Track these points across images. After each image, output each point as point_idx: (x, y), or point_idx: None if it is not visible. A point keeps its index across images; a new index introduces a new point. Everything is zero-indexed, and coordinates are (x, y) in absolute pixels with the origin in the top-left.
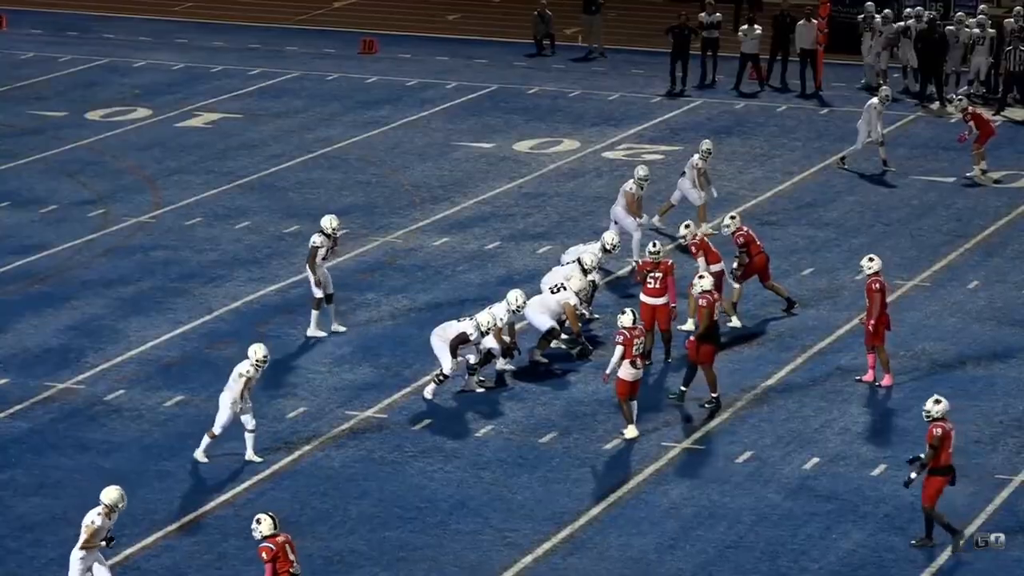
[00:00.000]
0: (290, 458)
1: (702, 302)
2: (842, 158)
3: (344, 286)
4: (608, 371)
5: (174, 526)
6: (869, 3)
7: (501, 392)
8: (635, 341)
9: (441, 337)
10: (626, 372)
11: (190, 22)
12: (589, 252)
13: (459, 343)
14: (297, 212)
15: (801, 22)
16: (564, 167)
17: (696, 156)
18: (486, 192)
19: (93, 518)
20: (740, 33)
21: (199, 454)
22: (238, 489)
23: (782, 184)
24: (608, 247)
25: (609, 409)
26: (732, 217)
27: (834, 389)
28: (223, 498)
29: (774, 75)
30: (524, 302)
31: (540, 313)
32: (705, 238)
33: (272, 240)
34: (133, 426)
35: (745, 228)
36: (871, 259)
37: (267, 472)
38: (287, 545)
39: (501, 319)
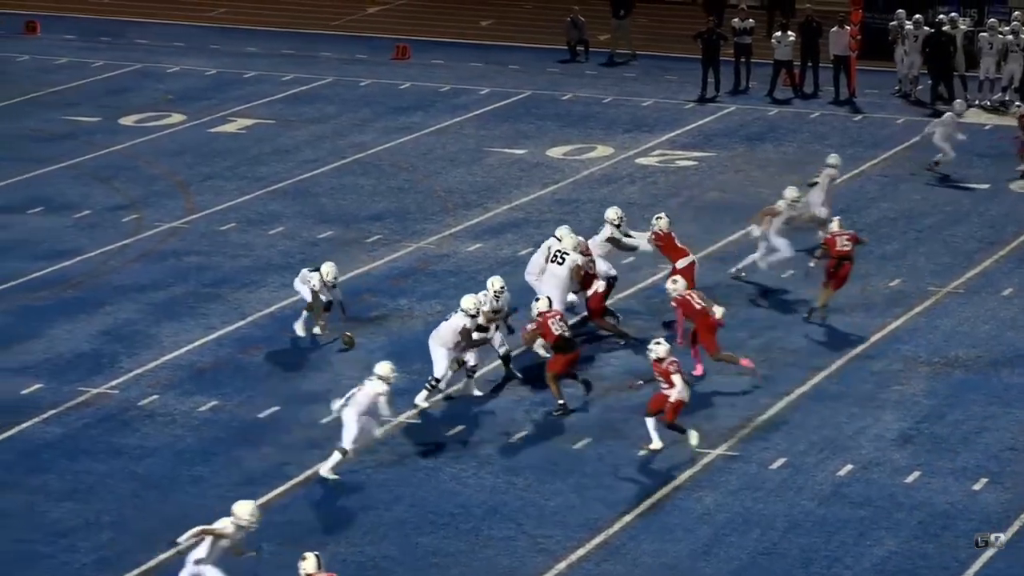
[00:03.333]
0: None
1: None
2: (936, 162)
3: (377, 292)
4: (679, 398)
5: None
6: (900, 10)
7: (535, 398)
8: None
9: (438, 341)
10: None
11: (223, 28)
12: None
13: (467, 340)
14: (330, 218)
15: (834, 28)
16: (597, 173)
17: (833, 169)
18: (519, 198)
19: (226, 523)
20: (773, 40)
21: (327, 471)
22: (272, 494)
23: None
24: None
25: (643, 415)
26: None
27: (868, 396)
28: (257, 503)
29: (806, 81)
30: (503, 287)
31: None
32: (671, 233)
33: (305, 245)
34: (166, 431)
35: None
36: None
37: (300, 477)
38: None
39: (482, 303)
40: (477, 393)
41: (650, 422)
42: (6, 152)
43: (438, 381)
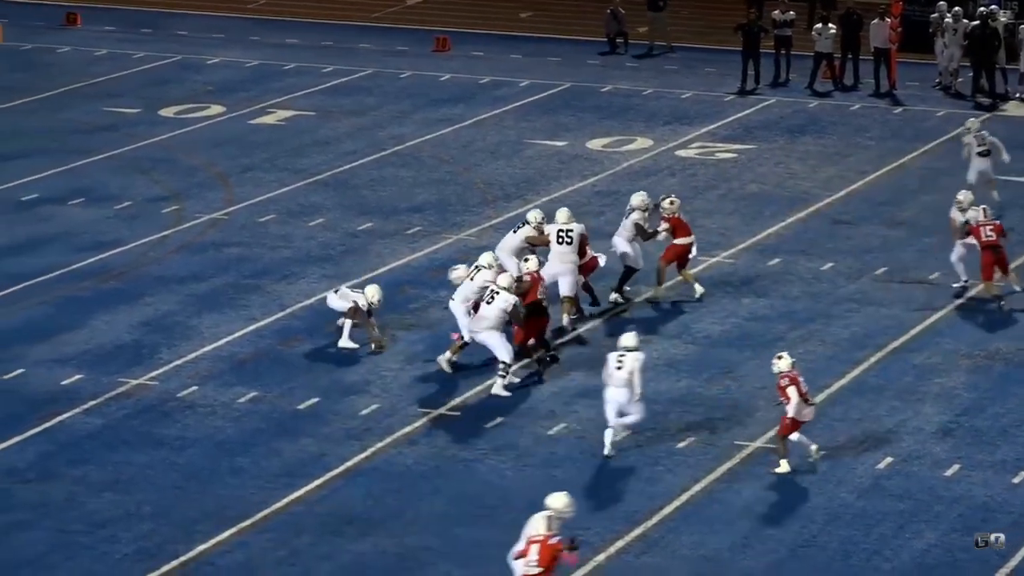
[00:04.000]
0: (363, 455)
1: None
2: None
3: (417, 283)
4: (792, 414)
5: (247, 522)
6: (941, 3)
7: (573, 390)
8: (800, 379)
9: (485, 325)
10: (806, 412)
11: (263, 19)
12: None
13: (507, 311)
14: (370, 209)
15: (875, 20)
16: (637, 165)
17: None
18: (559, 190)
19: (545, 521)
20: (813, 32)
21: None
22: (311, 486)
23: (856, 183)
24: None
25: (682, 407)
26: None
27: (908, 389)
28: (296, 494)
29: (847, 74)
30: (495, 258)
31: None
32: (679, 215)
33: (345, 237)
34: (206, 422)
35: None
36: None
37: (340, 469)
38: None
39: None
40: (447, 370)
41: (793, 437)
42: (47, 143)
43: (508, 365)
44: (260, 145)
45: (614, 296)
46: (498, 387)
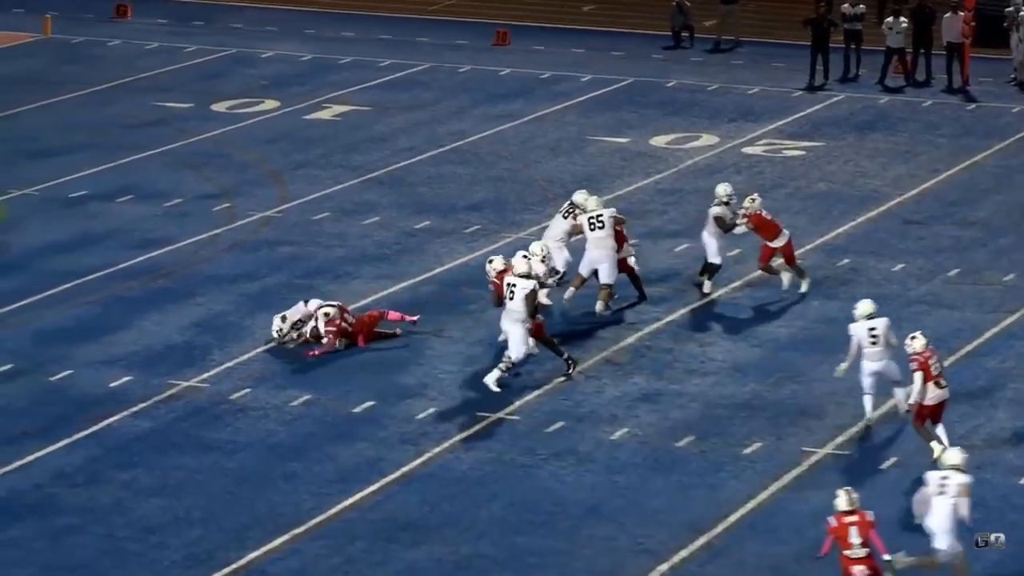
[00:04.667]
0: (419, 460)
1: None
2: None
3: (475, 284)
4: (912, 400)
5: (301, 529)
6: None
7: (635, 393)
8: (931, 362)
9: (513, 317)
10: (932, 395)
11: (319, 12)
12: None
13: (532, 307)
14: (427, 207)
15: (947, 15)
16: (702, 163)
17: None
18: (621, 188)
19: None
20: (884, 26)
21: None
22: (366, 491)
23: (927, 182)
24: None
25: (748, 412)
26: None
27: (981, 394)
28: (350, 500)
29: (918, 69)
30: (545, 247)
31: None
32: (761, 212)
33: (401, 236)
34: (258, 425)
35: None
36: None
37: (396, 474)
38: None
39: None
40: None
41: (930, 428)
42: (96, 139)
43: (513, 362)
44: (314, 141)
45: (706, 286)
46: (491, 378)
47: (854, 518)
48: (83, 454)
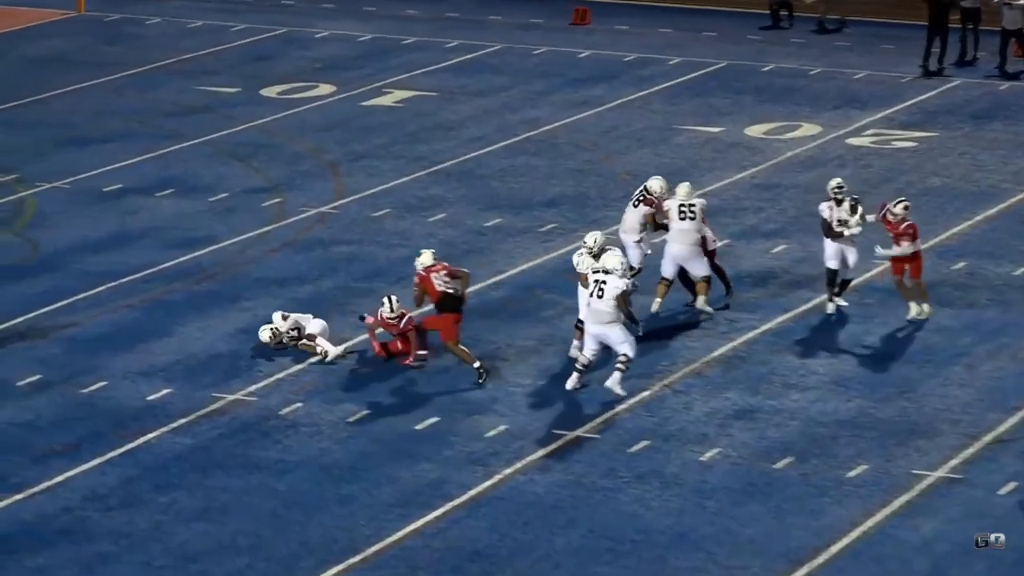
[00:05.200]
0: (489, 483)
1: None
2: None
3: (551, 287)
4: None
5: (356, 558)
6: None
7: (727, 410)
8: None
9: (602, 319)
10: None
11: None
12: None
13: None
14: (499, 203)
15: None
16: (802, 155)
17: None
18: (713, 183)
19: None
20: (1003, 6)
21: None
22: (429, 517)
23: None
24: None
25: (852, 431)
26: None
27: None
28: (412, 527)
29: None
30: (600, 239)
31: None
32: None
33: (470, 234)
34: (311, 443)
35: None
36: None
37: (462, 498)
38: None
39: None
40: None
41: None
42: (133, 127)
43: (630, 359)
44: (374, 130)
45: (835, 303)
46: (614, 381)
47: None
48: (118, 474)
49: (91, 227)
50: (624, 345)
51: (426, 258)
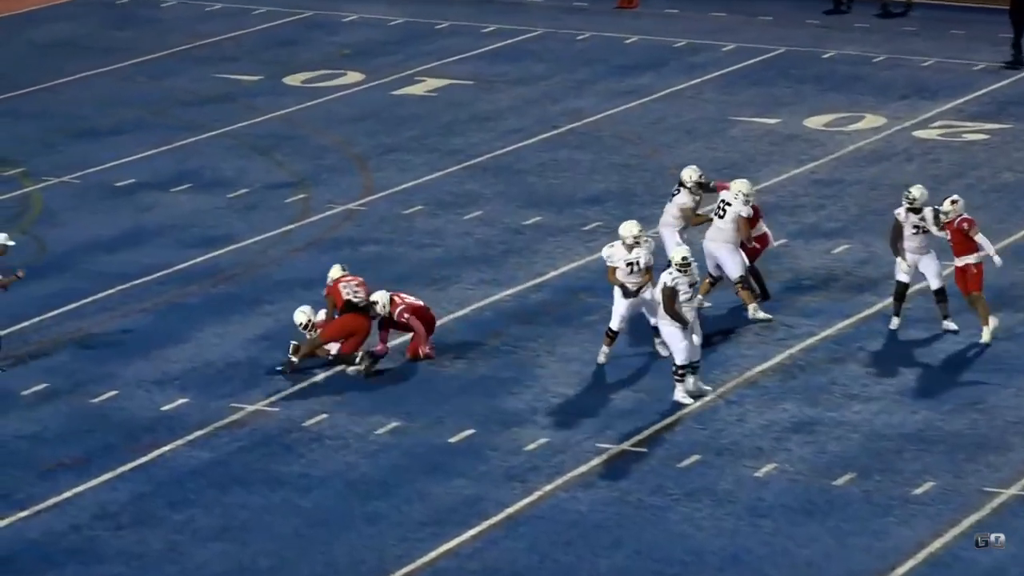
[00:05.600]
0: (528, 500)
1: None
2: None
3: (594, 289)
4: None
5: None
6: None
7: (784, 422)
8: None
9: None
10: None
11: None
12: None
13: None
14: (538, 200)
15: None
16: (866, 148)
17: None
18: (770, 178)
19: None
20: None
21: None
22: (464, 536)
23: None
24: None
25: (918, 445)
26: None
27: None
28: (445, 547)
29: None
30: (635, 230)
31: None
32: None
33: (508, 234)
34: (337, 457)
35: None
36: None
37: (499, 516)
38: None
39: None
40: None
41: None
42: (148, 117)
43: (679, 366)
44: (405, 121)
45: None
46: (679, 393)
47: None
48: (130, 490)
49: (102, 225)
50: (682, 352)
51: (334, 271)
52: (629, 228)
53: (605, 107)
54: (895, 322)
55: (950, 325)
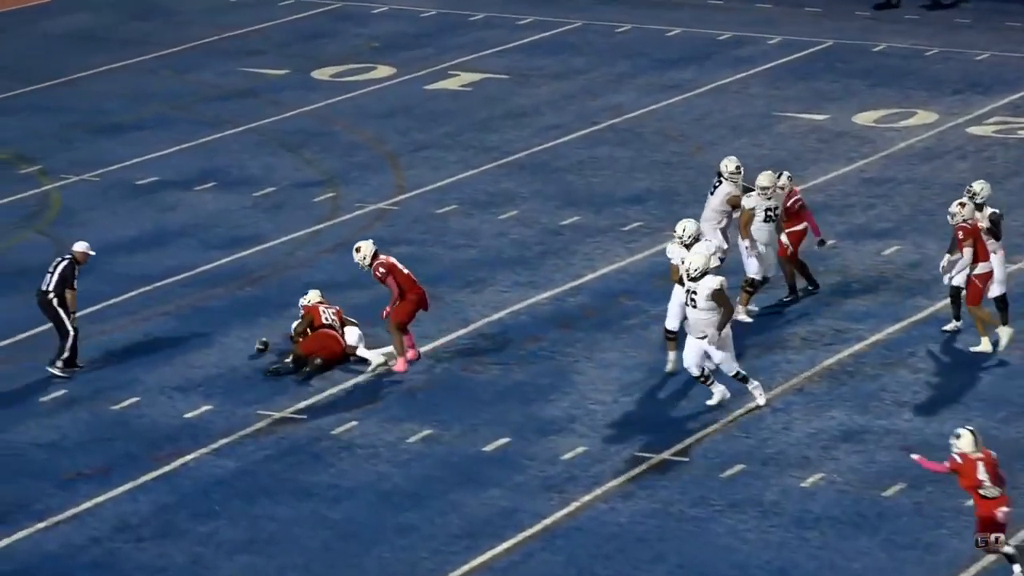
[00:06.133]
0: (565, 511)
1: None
2: None
3: (635, 293)
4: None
5: None
6: None
7: (831, 430)
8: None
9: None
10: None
11: None
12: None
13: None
14: (577, 199)
15: None
16: (917, 145)
17: None
18: (817, 176)
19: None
20: None
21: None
22: (498, 549)
23: None
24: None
25: None
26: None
27: None
28: (479, 560)
29: None
30: (692, 228)
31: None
32: (980, 225)
33: (545, 234)
34: (367, 467)
35: None
36: None
37: (536, 528)
38: None
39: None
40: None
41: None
42: (170, 112)
43: (746, 376)
44: (438, 117)
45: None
46: (718, 397)
47: (980, 455)
48: (153, 501)
49: (123, 224)
50: (727, 364)
51: (313, 296)
52: (683, 227)
53: (646, 102)
54: (954, 325)
55: (1001, 339)
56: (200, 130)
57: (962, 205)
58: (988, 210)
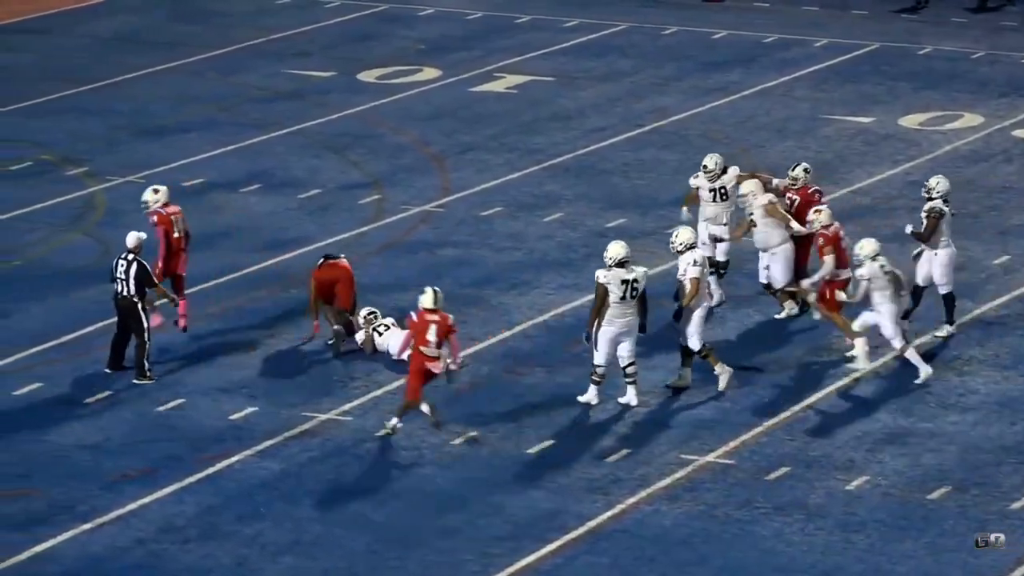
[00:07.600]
0: (610, 513)
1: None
2: None
3: (672, 295)
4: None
5: None
6: None
7: (879, 435)
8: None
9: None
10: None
11: None
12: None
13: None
14: (622, 202)
15: None
16: (963, 148)
17: None
18: (863, 179)
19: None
20: None
21: None
22: (542, 552)
23: None
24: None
25: (1018, 458)
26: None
27: None
28: (523, 562)
29: None
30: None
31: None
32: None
33: (591, 237)
34: (411, 469)
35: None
36: None
37: (580, 531)
38: None
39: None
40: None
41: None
42: (216, 114)
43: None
44: (484, 119)
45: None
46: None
47: (435, 317)
48: (197, 502)
49: None
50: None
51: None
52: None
53: (692, 105)
54: (946, 330)
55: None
56: (246, 132)
57: (817, 212)
58: (931, 204)
